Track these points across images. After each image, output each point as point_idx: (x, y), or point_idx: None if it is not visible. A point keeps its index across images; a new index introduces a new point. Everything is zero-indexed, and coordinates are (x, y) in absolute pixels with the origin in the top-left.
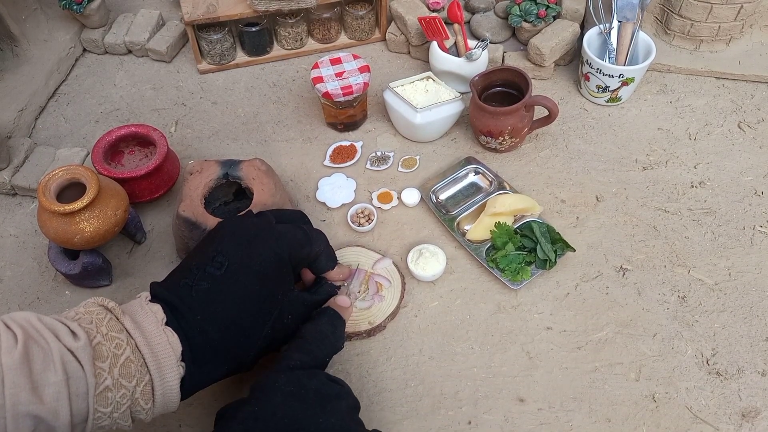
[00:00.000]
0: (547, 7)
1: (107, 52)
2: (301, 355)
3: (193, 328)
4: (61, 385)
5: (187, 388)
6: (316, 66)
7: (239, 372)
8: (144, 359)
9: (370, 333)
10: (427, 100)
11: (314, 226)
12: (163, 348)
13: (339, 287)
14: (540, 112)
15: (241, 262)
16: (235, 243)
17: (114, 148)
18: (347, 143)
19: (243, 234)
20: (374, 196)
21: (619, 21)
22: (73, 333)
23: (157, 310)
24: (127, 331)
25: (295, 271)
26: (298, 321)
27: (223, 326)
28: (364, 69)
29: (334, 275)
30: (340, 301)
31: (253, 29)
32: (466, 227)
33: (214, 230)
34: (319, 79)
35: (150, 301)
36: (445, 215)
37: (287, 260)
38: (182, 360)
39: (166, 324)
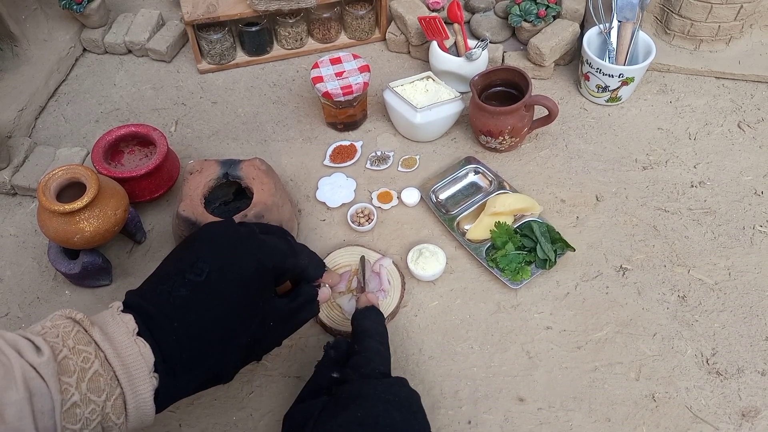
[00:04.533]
0: (547, 6)
1: (107, 52)
2: (380, 359)
3: (168, 338)
4: (23, 404)
5: (162, 399)
6: (316, 66)
7: (218, 383)
8: (114, 372)
9: None
10: (427, 99)
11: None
12: (134, 359)
13: (318, 286)
14: (540, 111)
15: (223, 269)
16: (216, 249)
17: (114, 148)
18: (347, 143)
19: (225, 240)
20: (374, 195)
21: (619, 21)
22: (37, 348)
23: (129, 320)
24: (96, 343)
25: (277, 282)
26: (279, 328)
27: (200, 335)
28: (364, 69)
29: (323, 281)
30: (322, 295)
31: (253, 29)
32: (466, 227)
33: (192, 236)
34: (319, 79)
35: (122, 311)
36: (445, 215)
37: (270, 269)
38: (155, 371)
39: (138, 334)
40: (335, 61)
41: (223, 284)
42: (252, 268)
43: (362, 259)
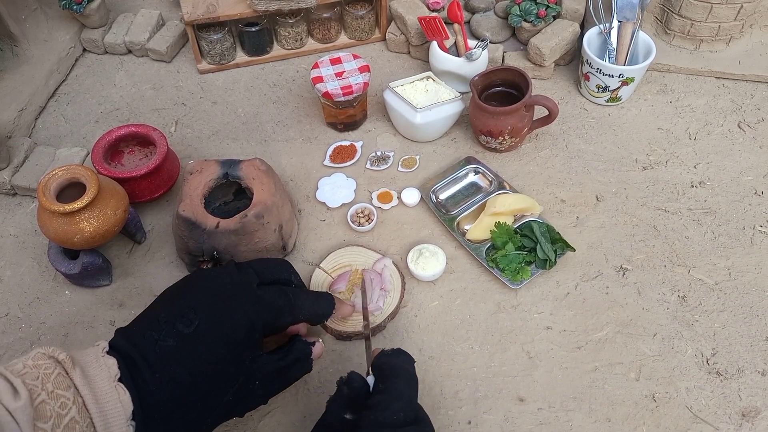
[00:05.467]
0: (547, 6)
1: (107, 52)
2: (402, 405)
3: (149, 387)
4: None
5: None
6: (316, 66)
7: None
8: (91, 418)
9: (370, 333)
10: (427, 100)
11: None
12: (112, 406)
13: (314, 343)
14: (540, 111)
15: (212, 324)
16: (210, 301)
17: (114, 148)
18: (347, 143)
19: (219, 292)
20: (374, 195)
21: (619, 21)
22: (15, 390)
23: (112, 365)
24: (75, 386)
25: (270, 334)
26: (266, 387)
27: (181, 389)
28: (364, 69)
29: (336, 317)
30: (316, 351)
31: (253, 29)
32: (466, 227)
33: (190, 279)
34: (319, 79)
35: (107, 352)
36: (445, 215)
37: (260, 328)
38: (133, 419)
39: (120, 380)
40: (335, 61)
41: (211, 339)
42: (242, 325)
43: (362, 282)
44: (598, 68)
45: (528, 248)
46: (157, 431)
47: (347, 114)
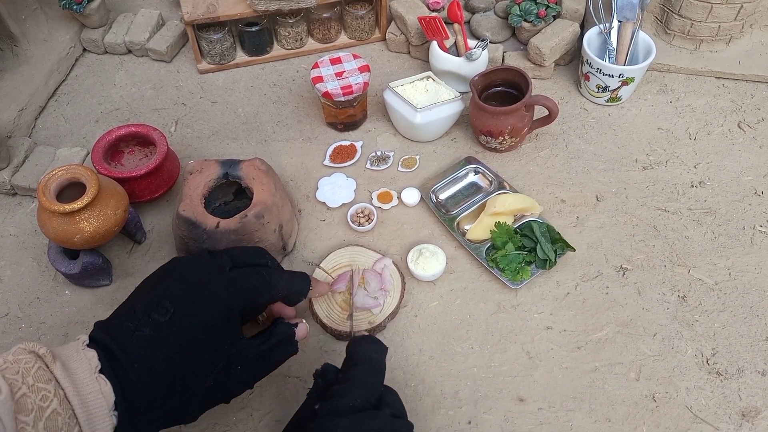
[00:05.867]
0: (547, 6)
1: (107, 52)
2: (360, 392)
3: (129, 377)
4: None
5: None
6: (316, 66)
7: (181, 423)
8: (73, 410)
9: (370, 333)
10: (427, 99)
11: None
12: (94, 397)
13: (296, 325)
14: (540, 111)
15: (188, 310)
16: (184, 288)
17: (114, 148)
18: (347, 143)
19: (194, 279)
20: (374, 195)
21: (619, 21)
22: None
23: (92, 357)
24: (56, 379)
25: (246, 319)
26: (249, 371)
27: (160, 377)
28: (364, 69)
29: (312, 295)
30: (300, 333)
31: (253, 29)
32: (466, 227)
33: (165, 268)
34: (319, 79)
35: (87, 345)
36: (445, 215)
37: (237, 311)
38: (115, 410)
39: (101, 371)
40: (335, 61)
41: (187, 326)
42: (218, 310)
43: (350, 276)
44: (598, 68)
45: (528, 248)
46: (141, 420)
47: (347, 114)
